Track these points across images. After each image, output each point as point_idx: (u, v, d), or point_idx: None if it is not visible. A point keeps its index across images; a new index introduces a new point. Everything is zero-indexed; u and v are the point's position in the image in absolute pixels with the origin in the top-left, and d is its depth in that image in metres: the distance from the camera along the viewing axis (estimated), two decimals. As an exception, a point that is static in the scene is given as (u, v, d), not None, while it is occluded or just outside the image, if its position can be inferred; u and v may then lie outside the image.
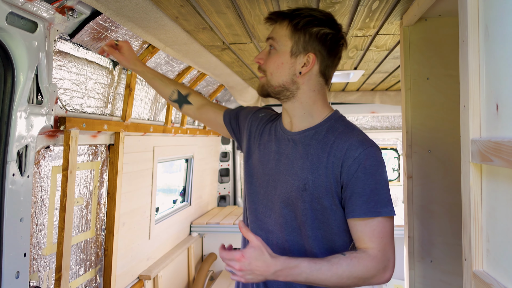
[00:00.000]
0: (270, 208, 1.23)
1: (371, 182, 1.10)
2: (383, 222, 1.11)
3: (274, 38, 1.17)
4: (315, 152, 1.16)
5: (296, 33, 1.15)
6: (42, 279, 1.70)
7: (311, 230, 1.16)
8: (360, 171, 1.10)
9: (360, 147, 1.11)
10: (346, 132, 1.16)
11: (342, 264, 1.08)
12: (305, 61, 1.16)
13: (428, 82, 1.60)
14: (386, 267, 1.11)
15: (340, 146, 1.13)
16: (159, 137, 2.91)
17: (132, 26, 1.68)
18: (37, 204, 1.66)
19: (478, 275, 0.86)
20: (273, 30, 1.19)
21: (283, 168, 1.21)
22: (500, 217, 0.80)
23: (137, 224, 2.67)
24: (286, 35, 1.16)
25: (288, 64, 1.16)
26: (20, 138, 1.36)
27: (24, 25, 1.32)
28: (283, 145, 1.24)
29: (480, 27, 0.87)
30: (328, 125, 1.20)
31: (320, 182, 1.13)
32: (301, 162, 1.17)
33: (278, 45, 1.17)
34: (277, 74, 1.17)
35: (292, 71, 1.17)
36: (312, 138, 1.19)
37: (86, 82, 1.88)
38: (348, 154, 1.11)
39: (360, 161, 1.10)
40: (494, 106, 0.80)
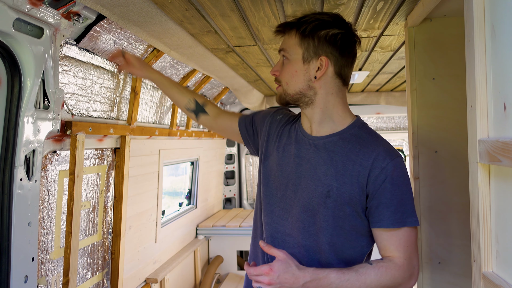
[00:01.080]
0: (288, 211, 1.22)
1: (398, 193, 1.11)
2: (409, 232, 1.12)
3: (284, 48, 1.20)
4: (339, 159, 1.15)
5: (304, 39, 1.16)
6: (50, 283, 1.71)
7: (330, 236, 1.16)
8: (387, 182, 1.10)
9: (388, 158, 1.12)
10: (372, 142, 1.17)
11: (370, 274, 1.08)
12: (318, 65, 1.16)
13: (433, 82, 1.59)
14: (411, 275, 1.12)
15: (366, 155, 1.13)
16: (165, 140, 2.92)
17: (137, 30, 1.69)
18: (45, 208, 1.67)
19: (487, 277, 0.85)
20: (283, 41, 1.21)
21: (305, 172, 1.20)
22: (510, 217, 0.79)
23: (144, 227, 2.68)
24: (295, 43, 1.17)
25: (302, 71, 1.18)
26: (28, 143, 1.37)
27: (31, 31, 1.34)
28: (304, 149, 1.23)
29: (486, 26, 0.87)
30: (352, 132, 1.19)
31: (344, 190, 1.13)
32: (325, 168, 1.16)
33: (289, 54, 1.19)
34: (292, 83, 1.19)
35: (307, 77, 1.18)
36: (336, 144, 1.18)
37: (92, 86, 1.89)
38: (376, 164, 1.11)
39: (388, 172, 1.11)
40: (501, 106, 0.80)
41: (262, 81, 3.26)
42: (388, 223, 1.11)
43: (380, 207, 1.11)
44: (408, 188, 1.14)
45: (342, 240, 1.16)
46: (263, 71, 2.80)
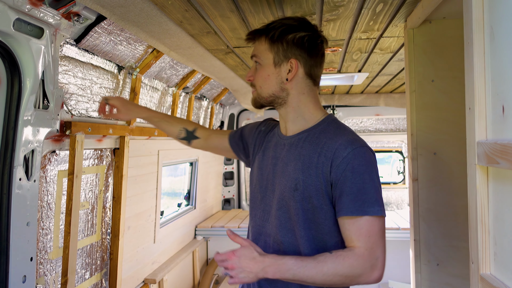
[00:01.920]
0: (268, 212, 1.28)
1: (359, 181, 1.12)
2: (371, 221, 1.12)
3: (256, 54, 1.25)
4: (306, 153, 1.20)
5: (274, 44, 1.22)
6: (48, 283, 1.71)
7: (303, 230, 1.19)
8: (348, 170, 1.13)
9: (349, 147, 1.14)
10: (337, 133, 1.20)
11: (327, 261, 1.10)
12: (289, 67, 1.22)
13: (433, 84, 1.60)
14: (373, 266, 1.11)
15: (330, 146, 1.17)
16: (164, 141, 2.92)
17: (137, 31, 1.69)
18: (44, 208, 1.67)
19: (485, 279, 0.86)
20: (254, 48, 1.27)
21: (279, 170, 1.26)
22: (508, 219, 0.80)
23: (142, 228, 2.68)
24: (266, 49, 1.23)
25: (274, 75, 1.23)
26: (27, 143, 1.37)
27: (31, 31, 1.34)
28: (279, 149, 1.29)
29: (485, 29, 0.87)
30: (321, 127, 1.24)
31: (310, 182, 1.17)
32: (294, 163, 1.21)
33: (261, 60, 1.24)
34: (265, 86, 1.25)
35: (279, 79, 1.23)
36: (305, 140, 1.23)
37: (92, 86, 1.89)
38: (337, 154, 1.14)
39: (349, 160, 1.13)
40: (500, 108, 0.80)
41: (261, 82, 3.26)
42: (348, 211, 1.12)
43: (342, 195, 1.13)
44: (371, 177, 1.14)
45: (314, 233, 1.19)
46: (262, 72, 2.80)
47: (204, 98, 3.64)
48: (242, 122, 4.73)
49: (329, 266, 1.09)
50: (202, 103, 3.64)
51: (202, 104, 3.66)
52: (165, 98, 2.77)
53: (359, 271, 1.10)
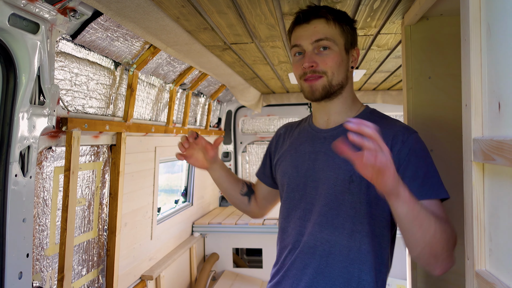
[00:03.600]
0: (309, 211, 1.19)
1: (423, 165, 1.09)
2: (441, 204, 1.09)
3: (328, 37, 1.14)
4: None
5: (345, 29, 1.17)
6: (44, 279, 1.71)
7: (360, 225, 1.13)
8: (411, 155, 1.09)
9: (407, 132, 1.12)
10: (388, 121, 1.18)
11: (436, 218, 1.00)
12: (354, 55, 1.20)
13: (430, 81, 1.60)
14: (456, 238, 1.05)
15: (385, 134, 1.06)
16: (161, 137, 2.92)
17: (134, 27, 1.68)
18: (40, 204, 1.67)
19: (481, 275, 0.86)
20: (318, 31, 1.15)
21: (323, 165, 1.18)
22: (503, 216, 0.80)
23: (139, 224, 2.68)
24: (337, 33, 1.16)
25: (345, 61, 1.18)
26: (23, 139, 1.36)
27: (26, 26, 1.33)
28: (318, 143, 1.22)
29: (482, 26, 0.87)
30: (366, 118, 1.17)
31: None
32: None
33: (333, 43, 1.15)
34: (338, 73, 1.17)
35: (347, 67, 1.19)
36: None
37: (88, 82, 1.88)
38: (396, 140, 1.10)
39: (410, 145, 1.10)
40: (496, 105, 0.80)
41: (259, 79, 3.25)
42: (418, 195, 1.03)
43: (407, 180, 1.03)
44: (432, 161, 1.11)
45: (371, 227, 1.13)
46: (259, 68, 2.80)
47: (202, 94, 3.63)
48: (239, 119, 4.72)
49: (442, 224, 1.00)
50: (199, 100, 3.63)
51: (200, 101, 3.65)
52: (162, 94, 2.76)
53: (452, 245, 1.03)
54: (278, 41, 2.06)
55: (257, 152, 4.80)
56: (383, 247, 1.16)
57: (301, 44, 1.17)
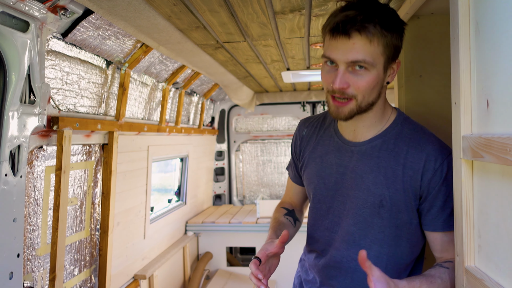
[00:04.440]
0: (338, 224, 1.17)
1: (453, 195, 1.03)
2: None
3: (365, 60, 0.98)
4: (387, 165, 1.09)
5: (388, 45, 1.01)
6: (36, 279, 1.69)
7: (389, 247, 1.11)
8: (443, 185, 1.05)
9: (439, 157, 1.05)
10: (419, 139, 1.09)
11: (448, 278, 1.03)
12: (393, 68, 1.07)
13: (421, 79, 1.61)
14: None
15: (416, 156, 1.06)
16: (154, 136, 2.91)
17: (125, 25, 1.67)
18: (31, 204, 1.65)
19: (470, 271, 0.87)
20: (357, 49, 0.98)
21: (351, 182, 1.13)
22: (491, 213, 0.81)
23: (132, 224, 2.67)
24: (379, 52, 1.00)
25: (381, 80, 1.05)
26: (13, 138, 1.35)
27: (16, 25, 1.32)
28: (346, 157, 1.15)
29: (471, 24, 0.88)
30: (396, 131, 1.12)
31: (398, 197, 1.08)
32: (373, 176, 1.10)
33: (371, 66, 1.00)
34: (370, 94, 1.04)
35: (382, 85, 1.06)
36: (380, 149, 1.11)
37: (79, 81, 1.87)
38: (428, 166, 1.05)
39: (442, 173, 1.05)
40: (484, 103, 0.81)
41: (251, 78, 3.25)
42: (445, 226, 1.06)
43: (435, 209, 1.06)
44: None
45: (400, 250, 1.12)
46: (252, 67, 2.80)
47: (195, 93, 3.62)
48: (233, 118, 4.72)
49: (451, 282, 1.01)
50: (192, 99, 3.62)
51: (193, 100, 3.65)
52: (154, 93, 2.75)
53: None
54: (271, 40, 2.06)
55: (250, 151, 4.80)
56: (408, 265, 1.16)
57: (335, 59, 1.01)
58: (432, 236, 1.10)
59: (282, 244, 1.10)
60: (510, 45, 0.72)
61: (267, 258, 1.11)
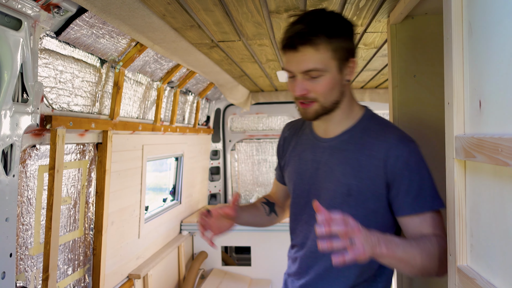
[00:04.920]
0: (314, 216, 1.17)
1: (417, 178, 1.11)
2: (437, 215, 1.12)
3: (316, 69, 1.09)
4: (354, 157, 1.16)
5: (337, 49, 1.10)
6: (29, 279, 1.69)
7: None
8: (405, 169, 1.11)
9: (401, 144, 1.13)
10: (383, 130, 1.17)
11: (426, 242, 1.06)
12: (350, 67, 1.16)
13: (414, 79, 1.61)
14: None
15: (380, 146, 1.14)
16: (148, 136, 2.90)
17: (119, 24, 1.67)
18: (24, 203, 1.64)
19: (462, 270, 0.87)
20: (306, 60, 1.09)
21: (324, 175, 1.21)
22: (483, 212, 0.81)
23: (127, 223, 2.66)
24: (328, 57, 1.09)
25: (338, 82, 1.14)
26: (5, 137, 1.34)
27: (8, 23, 1.31)
28: (319, 152, 1.24)
29: (464, 24, 0.88)
30: (363, 126, 1.21)
31: (365, 186, 1.14)
32: (342, 168, 1.17)
33: (323, 72, 1.10)
34: (331, 96, 1.14)
35: (341, 84, 1.16)
36: (348, 142, 1.19)
37: (73, 80, 1.86)
38: (390, 153, 1.12)
39: (404, 158, 1.11)
40: (477, 103, 0.81)
41: (247, 77, 3.25)
42: (411, 209, 1.11)
43: (400, 195, 1.12)
44: (427, 172, 1.13)
45: None
46: (248, 66, 2.80)
47: (190, 92, 3.61)
48: (228, 117, 4.72)
49: (428, 246, 1.05)
50: (187, 98, 3.62)
51: (188, 99, 3.64)
52: (149, 92, 2.74)
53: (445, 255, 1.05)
54: (266, 39, 2.05)
55: (246, 150, 4.80)
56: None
57: (291, 70, 1.13)
58: (403, 221, 1.15)
59: (234, 204, 1.23)
60: (502, 46, 0.72)
61: (218, 215, 1.23)
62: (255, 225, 1.49)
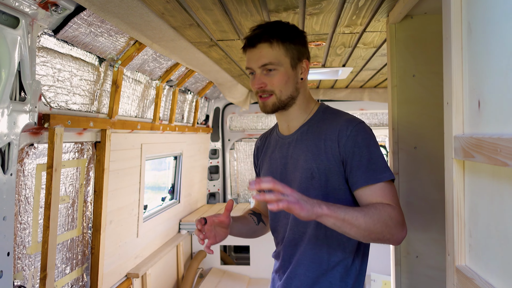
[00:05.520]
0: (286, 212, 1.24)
1: (366, 153, 1.20)
2: (387, 185, 1.19)
3: (272, 62, 1.25)
4: (312, 143, 1.28)
5: (289, 48, 1.26)
6: (27, 278, 1.68)
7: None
8: (354, 146, 1.21)
9: (350, 125, 1.23)
10: (335, 117, 1.30)
11: (371, 208, 1.13)
12: (303, 67, 1.31)
13: (414, 79, 1.61)
14: (403, 222, 1.16)
15: (333, 129, 1.25)
16: (147, 134, 2.89)
17: (118, 22, 1.66)
18: (21, 202, 1.64)
19: (460, 270, 0.87)
20: (263, 55, 1.25)
21: (291, 167, 1.32)
22: (482, 212, 0.81)
23: (125, 222, 2.65)
24: (282, 54, 1.26)
25: (292, 77, 1.29)
26: (3, 136, 1.34)
27: (6, 21, 1.30)
28: (285, 149, 1.36)
29: (463, 24, 0.88)
30: (319, 117, 1.33)
31: (323, 167, 1.24)
32: (304, 155, 1.28)
33: (278, 66, 1.26)
34: (286, 89, 1.28)
35: (295, 81, 1.30)
36: (307, 132, 1.31)
37: (71, 78, 1.85)
38: (341, 134, 1.23)
39: (353, 137, 1.22)
40: (476, 103, 0.81)
41: (246, 76, 3.25)
42: (363, 182, 1.19)
43: (353, 170, 1.21)
44: (376, 147, 1.22)
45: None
46: (247, 65, 2.79)
47: (189, 91, 3.61)
48: (227, 116, 4.71)
49: (374, 212, 1.12)
50: (186, 97, 3.61)
51: (187, 98, 3.63)
52: (148, 91, 2.73)
53: (395, 223, 1.13)
54: (265, 38, 2.05)
55: (245, 149, 4.79)
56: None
57: (251, 67, 1.29)
58: (357, 195, 1.22)
59: (228, 212, 1.29)
60: (501, 46, 0.72)
61: (213, 223, 1.29)
62: (247, 235, 1.52)
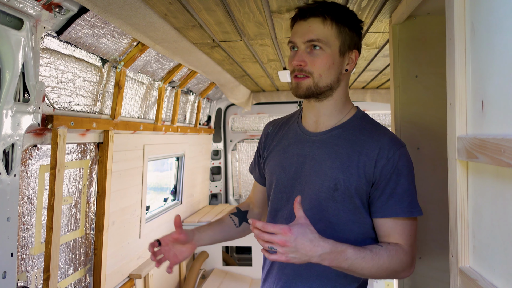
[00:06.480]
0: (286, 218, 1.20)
1: (404, 183, 1.11)
2: (413, 222, 1.13)
3: (320, 39, 1.11)
4: (344, 152, 1.15)
5: (342, 31, 1.13)
6: (30, 279, 1.69)
7: (341, 232, 1.14)
8: (394, 173, 1.11)
9: (393, 147, 1.12)
10: (376, 132, 1.17)
11: (383, 255, 1.07)
12: (351, 58, 1.17)
13: (416, 79, 1.61)
14: (412, 263, 1.13)
15: (372, 145, 1.13)
16: (150, 135, 2.90)
17: (121, 24, 1.67)
18: (25, 203, 1.64)
19: (464, 271, 0.87)
20: (312, 30, 1.12)
21: (310, 169, 1.18)
22: (486, 213, 0.81)
23: (128, 223, 2.66)
24: (333, 34, 1.12)
25: (337, 64, 1.15)
26: (6, 137, 1.34)
27: (10, 22, 1.31)
28: (307, 147, 1.21)
29: (466, 25, 0.87)
30: (355, 123, 1.20)
31: (352, 182, 1.12)
32: (330, 162, 1.15)
33: (326, 45, 1.12)
34: (327, 75, 1.14)
35: (339, 70, 1.16)
36: (339, 137, 1.18)
37: (75, 79, 1.86)
38: (382, 154, 1.11)
39: (394, 161, 1.11)
40: (479, 104, 0.81)
41: (248, 77, 3.25)
42: (392, 212, 1.11)
43: (384, 196, 1.11)
44: (413, 178, 1.14)
45: (353, 235, 1.15)
46: (249, 66, 2.79)
47: (191, 92, 3.61)
48: (229, 117, 4.71)
49: (385, 260, 1.06)
50: (188, 98, 3.62)
51: (189, 99, 3.64)
52: (150, 92, 2.74)
53: (404, 267, 1.10)
54: (267, 39, 2.05)
55: (247, 150, 4.79)
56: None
57: (295, 41, 1.15)
58: (379, 222, 1.14)
59: (179, 228, 1.23)
60: (505, 47, 0.72)
61: (169, 242, 1.24)
62: (224, 240, 1.42)
